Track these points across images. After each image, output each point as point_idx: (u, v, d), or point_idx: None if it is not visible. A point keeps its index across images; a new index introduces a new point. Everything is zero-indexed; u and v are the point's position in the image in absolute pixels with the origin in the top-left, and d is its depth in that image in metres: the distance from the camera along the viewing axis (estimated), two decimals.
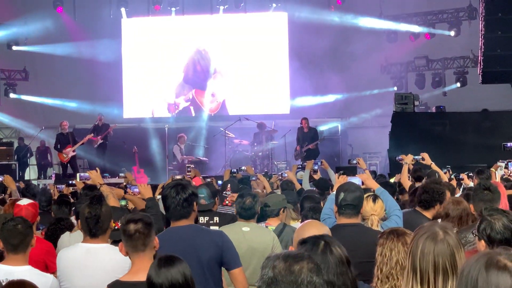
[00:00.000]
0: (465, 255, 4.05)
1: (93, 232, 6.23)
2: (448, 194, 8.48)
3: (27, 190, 12.30)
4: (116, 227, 6.91)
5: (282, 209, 8.54)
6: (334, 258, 3.92)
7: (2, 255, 6.14)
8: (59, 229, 8.22)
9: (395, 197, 10.44)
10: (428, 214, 8.02)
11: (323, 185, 12.26)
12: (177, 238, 6.10)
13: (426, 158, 12.43)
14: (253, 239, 7.58)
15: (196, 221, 7.44)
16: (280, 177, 14.92)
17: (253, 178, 13.66)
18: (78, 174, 10.54)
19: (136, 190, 9.27)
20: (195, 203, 6.28)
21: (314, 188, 12.26)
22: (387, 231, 5.41)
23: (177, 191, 6.14)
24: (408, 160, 12.21)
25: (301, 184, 12.82)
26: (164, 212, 6.65)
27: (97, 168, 9.46)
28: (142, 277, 4.91)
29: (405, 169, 11.93)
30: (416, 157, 12.59)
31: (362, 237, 6.47)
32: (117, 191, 9.17)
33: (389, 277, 5.22)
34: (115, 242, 6.47)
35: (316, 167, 13.52)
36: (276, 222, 8.38)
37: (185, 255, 5.24)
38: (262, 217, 8.72)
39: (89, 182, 9.81)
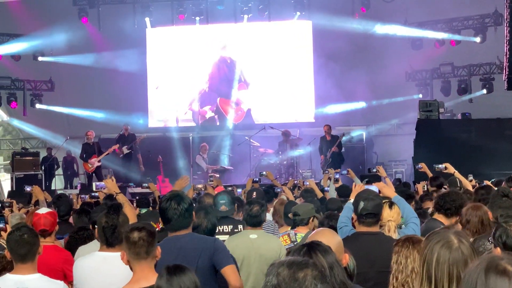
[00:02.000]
0: None
1: (109, 241, 6.24)
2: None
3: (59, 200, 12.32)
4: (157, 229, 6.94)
5: (312, 218, 8.65)
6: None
7: (12, 264, 6.15)
8: (79, 239, 8.23)
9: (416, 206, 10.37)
10: (447, 222, 7.94)
11: (345, 192, 12.21)
12: (177, 247, 6.14)
13: (449, 167, 12.32)
14: (261, 246, 7.60)
15: (214, 229, 7.46)
16: (296, 182, 14.92)
17: (279, 190, 13.60)
18: (94, 184, 10.58)
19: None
20: (194, 213, 6.34)
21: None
22: (402, 239, 5.36)
23: (178, 202, 6.18)
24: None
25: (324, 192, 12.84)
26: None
27: (113, 177, 9.46)
28: (143, 285, 4.93)
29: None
30: (440, 165, 12.49)
31: (382, 246, 6.42)
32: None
33: (405, 285, 5.16)
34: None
35: (337, 176, 13.46)
36: (305, 230, 8.45)
37: (184, 263, 5.24)
38: (292, 225, 8.88)
39: (105, 191, 9.83)
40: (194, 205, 6.61)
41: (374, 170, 13.53)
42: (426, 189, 12.48)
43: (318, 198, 11.97)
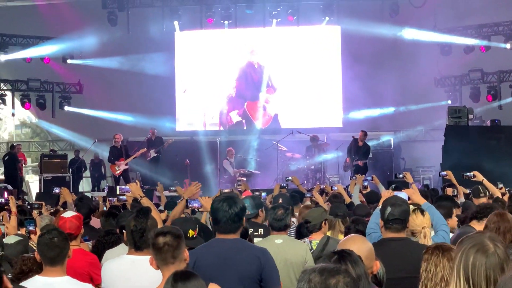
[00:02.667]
0: None
1: (138, 245, 6.24)
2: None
3: (81, 202, 12.38)
4: (192, 235, 6.93)
5: (324, 222, 8.56)
6: None
7: (40, 266, 6.17)
8: (106, 243, 8.24)
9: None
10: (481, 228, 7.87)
11: (373, 198, 12.19)
12: (221, 250, 6.07)
13: (477, 175, 12.25)
14: (287, 251, 7.56)
15: (247, 232, 7.45)
16: (323, 187, 14.90)
17: (308, 195, 13.54)
18: (118, 187, 10.59)
19: (196, 204, 9.33)
20: (244, 218, 6.29)
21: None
22: (432, 247, 5.33)
23: (230, 205, 6.12)
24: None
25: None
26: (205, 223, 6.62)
27: (137, 181, 9.50)
28: None
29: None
30: (468, 173, 12.41)
31: (410, 252, 6.40)
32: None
33: None
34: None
35: (365, 183, 13.43)
36: (319, 236, 8.34)
37: (226, 268, 5.21)
38: (305, 233, 8.76)
39: (129, 195, 9.84)
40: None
41: (401, 176, 13.46)
42: (455, 193, 12.42)
43: (346, 203, 11.92)
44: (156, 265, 5.39)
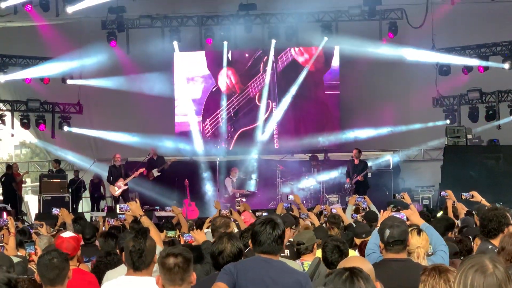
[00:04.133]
0: None
1: (136, 265, 6.21)
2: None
3: (76, 223, 12.39)
4: None
5: (315, 244, 8.60)
6: None
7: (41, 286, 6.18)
8: (108, 263, 8.24)
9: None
10: (496, 242, 7.81)
11: (372, 217, 12.22)
12: (265, 269, 6.10)
13: (475, 196, 12.23)
14: None
15: (240, 254, 7.44)
16: (323, 208, 14.90)
17: (303, 216, 13.53)
18: (118, 206, 10.58)
19: (190, 238, 9.31)
20: (284, 241, 6.35)
21: (361, 221, 12.22)
22: (429, 268, 5.33)
23: (273, 227, 6.16)
24: (457, 205, 12.09)
25: None
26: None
27: (136, 200, 9.51)
28: None
29: (449, 205, 11.75)
30: (466, 194, 12.39)
31: (411, 273, 6.38)
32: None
33: None
34: None
35: (364, 205, 13.42)
36: (311, 258, 8.39)
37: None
38: (297, 255, 8.79)
39: (129, 213, 9.84)
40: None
41: (399, 196, 13.44)
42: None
43: (344, 225, 11.93)
44: (162, 284, 5.38)
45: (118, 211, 10.55)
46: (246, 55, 29.18)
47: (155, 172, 25.09)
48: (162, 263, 5.36)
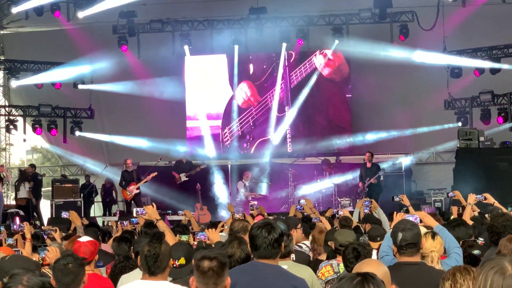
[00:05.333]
0: None
1: (151, 270, 6.19)
2: None
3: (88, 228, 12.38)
4: (174, 265, 6.89)
5: None
6: None
7: None
8: (123, 268, 8.23)
9: None
10: None
11: (371, 221, 12.28)
12: (260, 275, 6.11)
13: (488, 198, 12.15)
14: None
15: (247, 259, 7.43)
16: (335, 211, 14.87)
17: (316, 220, 13.47)
18: (134, 209, 10.62)
19: (204, 236, 9.29)
20: (283, 244, 6.35)
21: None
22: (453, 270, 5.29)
23: (269, 230, 6.16)
24: (470, 200, 11.94)
25: None
26: None
27: (153, 204, 9.49)
28: None
29: (467, 210, 11.64)
30: (479, 196, 12.31)
31: (425, 277, 6.39)
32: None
33: None
34: (174, 280, 6.50)
35: (366, 210, 13.40)
36: None
37: None
38: (331, 255, 8.80)
39: (145, 217, 9.84)
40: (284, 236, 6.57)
41: (398, 199, 13.38)
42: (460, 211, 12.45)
43: (352, 227, 11.90)
44: (195, 287, 5.36)
45: (134, 214, 10.57)
46: (264, 66, 29.12)
47: (183, 177, 25.18)
48: (197, 266, 5.33)
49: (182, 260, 7.31)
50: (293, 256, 8.71)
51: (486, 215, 11.84)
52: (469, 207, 11.65)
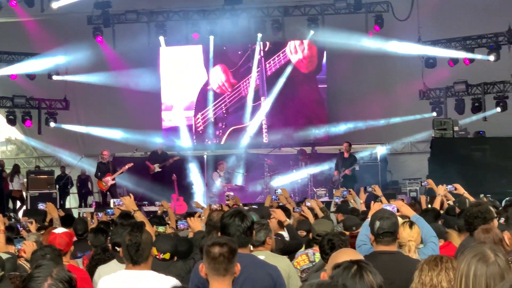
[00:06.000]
0: None
1: (134, 259, 6.21)
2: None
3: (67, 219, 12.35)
4: (157, 257, 6.91)
5: None
6: (363, 284, 3.88)
7: None
8: (101, 259, 8.23)
9: None
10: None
11: (345, 209, 12.36)
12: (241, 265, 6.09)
13: (458, 188, 12.27)
14: None
15: (191, 247, 7.41)
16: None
17: (297, 210, 13.48)
18: (112, 201, 10.62)
19: (183, 225, 9.29)
20: (254, 232, 6.38)
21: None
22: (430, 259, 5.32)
23: (241, 219, 6.17)
24: (440, 191, 12.05)
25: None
26: None
27: (130, 194, 9.49)
28: None
29: (437, 200, 11.75)
30: (449, 187, 12.42)
31: (401, 265, 6.43)
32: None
33: None
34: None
35: (337, 200, 13.45)
36: None
37: (241, 284, 5.24)
38: (306, 245, 8.86)
39: (122, 208, 9.84)
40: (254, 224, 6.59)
41: (370, 188, 13.46)
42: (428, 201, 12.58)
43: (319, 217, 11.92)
44: (205, 273, 5.37)
45: (112, 205, 10.57)
46: (239, 52, 29.11)
47: (157, 167, 25.10)
48: (207, 252, 5.34)
49: (167, 255, 7.34)
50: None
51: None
52: (438, 197, 11.77)
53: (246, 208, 13.64)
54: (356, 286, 3.85)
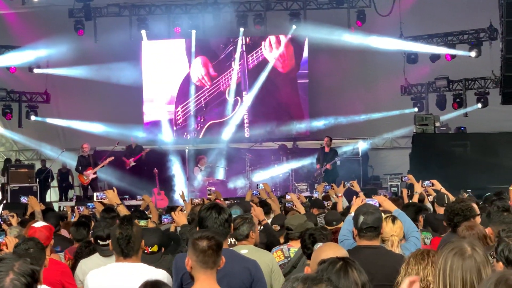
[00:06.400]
0: None
1: (125, 252, 6.22)
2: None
3: (47, 213, 12.30)
4: (145, 251, 6.90)
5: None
6: (347, 280, 3.88)
7: None
8: (85, 253, 8.22)
9: None
10: None
11: (318, 204, 12.38)
12: None
13: (435, 184, 12.35)
14: None
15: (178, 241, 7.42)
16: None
17: (289, 205, 13.41)
18: (95, 194, 10.58)
19: (167, 220, 9.27)
20: (232, 225, 6.40)
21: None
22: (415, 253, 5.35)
23: (218, 211, 6.20)
24: (417, 189, 12.14)
25: None
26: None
27: (114, 188, 9.47)
28: None
29: (415, 198, 11.84)
30: (426, 183, 12.49)
31: (383, 260, 6.47)
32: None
33: None
34: None
35: (316, 195, 13.48)
36: (298, 244, 8.27)
37: (223, 279, 5.24)
38: (285, 240, 8.80)
39: (105, 201, 9.82)
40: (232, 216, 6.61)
41: (348, 184, 13.49)
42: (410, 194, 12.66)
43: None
44: (191, 266, 5.38)
45: (95, 199, 10.54)
46: (221, 46, 29.07)
47: (132, 161, 25.05)
48: (195, 245, 5.35)
49: (155, 248, 7.33)
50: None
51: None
52: (416, 195, 11.86)
53: (227, 202, 13.69)
54: (340, 282, 3.85)
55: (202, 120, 28.72)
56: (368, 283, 4.00)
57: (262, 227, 9.72)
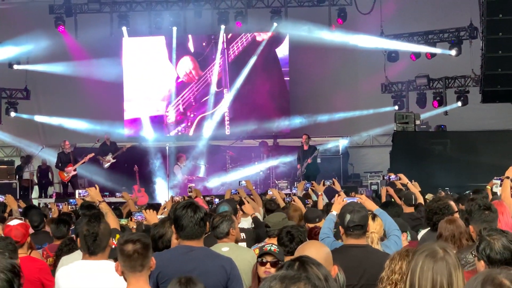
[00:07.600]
0: (465, 276, 4.07)
1: (91, 249, 6.21)
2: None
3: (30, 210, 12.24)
4: (113, 246, 6.87)
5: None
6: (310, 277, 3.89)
7: None
8: (63, 250, 8.19)
9: None
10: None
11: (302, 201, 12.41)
12: (187, 258, 6.10)
13: (402, 178, 12.46)
14: (234, 259, 7.49)
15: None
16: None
17: (288, 199, 13.35)
18: (77, 191, 10.55)
19: (141, 217, 9.26)
20: (208, 224, 6.37)
21: None
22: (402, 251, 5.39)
23: (194, 210, 6.16)
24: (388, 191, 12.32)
25: None
26: None
27: (96, 185, 9.45)
28: None
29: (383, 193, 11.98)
30: (392, 177, 12.60)
31: (370, 259, 6.45)
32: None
33: None
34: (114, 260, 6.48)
35: (295, 191, 13.49)
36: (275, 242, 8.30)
37: (197, 277, 5.23)
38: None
39: (88, 199, 9.80)
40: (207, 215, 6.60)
41: (328, 182, 13.48)
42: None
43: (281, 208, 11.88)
44: (121, 271, 5.35)
45: (77, 196, 10.49)
46: (203, 43, 29.02)
47: (110, 158, 24.95)
48: (121, 250, 5.32)
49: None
50: (243, 235, 8.76)
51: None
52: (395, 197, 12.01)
53: (207, 199, 13.68)
54: None
55: (191, 116, 28.66)
56: (329, 274, 3.99)
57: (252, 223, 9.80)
